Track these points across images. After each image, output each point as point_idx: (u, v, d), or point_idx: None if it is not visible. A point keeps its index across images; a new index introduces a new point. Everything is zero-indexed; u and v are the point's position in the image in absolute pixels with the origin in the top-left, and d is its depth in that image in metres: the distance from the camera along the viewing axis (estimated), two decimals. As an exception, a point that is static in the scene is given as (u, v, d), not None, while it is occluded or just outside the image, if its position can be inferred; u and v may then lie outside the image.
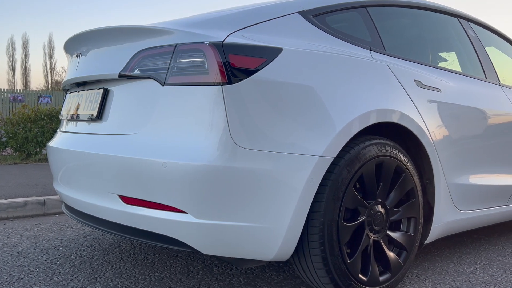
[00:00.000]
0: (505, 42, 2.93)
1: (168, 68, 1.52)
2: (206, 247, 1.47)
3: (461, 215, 2.14)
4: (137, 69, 1.61)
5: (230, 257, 1.53)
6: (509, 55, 2.98)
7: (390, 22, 2.24)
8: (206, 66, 1.46)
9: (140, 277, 1.95)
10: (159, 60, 1.56)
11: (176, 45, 1.53)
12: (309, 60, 1.63)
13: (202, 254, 1.53)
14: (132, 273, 2.00)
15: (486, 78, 2.49)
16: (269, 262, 1.65)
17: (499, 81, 2.57)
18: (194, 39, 1.52)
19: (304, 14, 1.81)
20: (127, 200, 1.55)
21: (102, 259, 2.20)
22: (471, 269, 2.17)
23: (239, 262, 1.56)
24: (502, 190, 2.38)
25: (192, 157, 1.40)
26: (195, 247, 1.47)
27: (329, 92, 1.62)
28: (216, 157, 1.39)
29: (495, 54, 2.76)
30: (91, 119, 1.78)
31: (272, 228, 1.48)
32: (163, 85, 1.53)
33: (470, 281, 1.99)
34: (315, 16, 1.84)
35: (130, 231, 1.59)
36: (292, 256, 1.61)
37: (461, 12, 2.62)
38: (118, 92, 1.71)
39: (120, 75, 1.66)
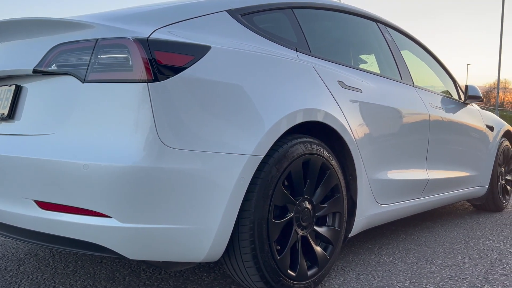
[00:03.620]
0: (417, 46, 3.17)
1: (89, 64, 1.44)
2: (132, 252, 1.41)
3: (381, 208, 2.27)
4: (54, 65, 1.50)
5: (159, 261, 1.49)
6: (421, 58, 3.22)
7: (315, 24, 2.31)
8: (131, 63, 1.40)
9: (61, 287, 1.82)
10: (79, 55, 1.47)
11: (98, 40, 1.44)
12: (238, 59, 1.63)
13: (129, 259, 1.46)
14: (51, 283, 1.87)
15: (401, 79, 2.66)
16: (200, 263, 1.63)
17: (413, 83, 2.76)
18: (117, 34, 1.45)
19: (232, 12, 1.81)
20: (44, 205, 1.44)
21: (16, 270, 2.03)
22: (390, 259, 2.31)
23: (168, 265, 1.52)
24: (417, 184, 2.57)
25: (116, 158, 1.34)
26: (120, 253, 1.40)
27: (258, 92, 1.63)
28: (142, 158, 1.34)
29: (409, 57, 2.97)
30: (1, 119, 1.63)
31: (202, 229, 1.46)
32: (83, 82, 1.44)
33: (389, 270, 2.12)
34: (243, 15, 1.85)
35: (48, 239, 1.48)
36: (223, 255, 1.60)
37: (379, 17, 2.78)
38: (33, 89, 1.59)
39: (35, 71, 1.53)
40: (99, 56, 1.44)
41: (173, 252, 1.46)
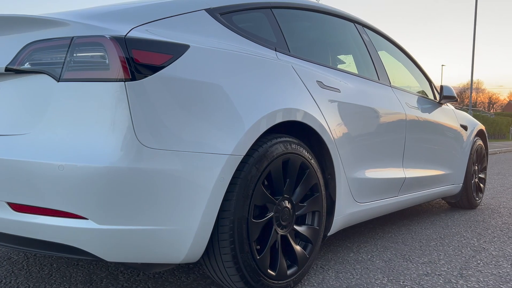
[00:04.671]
0: (394, 47, 3.22)
1: (64, 62, 1.41)
2: (110, 254, 1.39)
3: (360, 207, 2.30)
4: (28, 63, 1.46)
5: (137, 263, 1.46)
6: (398, 59, 3.28)
7: (294, 24, 2.32)
8: (107, 61, 1.37)
9: (35, 291, 1.78)
10: (53, 53, 1.43)
11: (73, 37, 1.41)
12: (217, 58, 1.63)
13: (106, 262, 1.44)
14: (26, 287, 1.82)
15: (379, 79, 2.70)
16: (179, 264, 1.61)
17: (390, 83, 2.81)
18: (93, 32, 1.42)
19: (210, 11, 1.80)
20: (18, 207, 1.40)
21: (-12, 274, 1.97)
22: (369, 256, 2.34)
23: (146, 267, 1.50)
24: (393, 182, 2.61)
25: (92, 158, 1.31)
26: (98, 255, 1.37)
27: (237, 91, 1.62)
28: (120, 158, 1.32)
29: (386, 57, 3.01)
30: (-28, 118, 1.58)
31: (181, 230, 1.44)
32: (58, 81, 1.41)
33: (368, 268, 2.15)
34: (221, 15, 1.84)
35: (22, 242, 1.44)
36: (202, 256, 1.59)
37: (357, 17, 2.81)
38: (5, 87, 1.54)
39: (7, 69, 1.49)
40: (74, 55, 1.40)
41: (152, 254, 1.44)
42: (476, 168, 3.87)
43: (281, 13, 2.17)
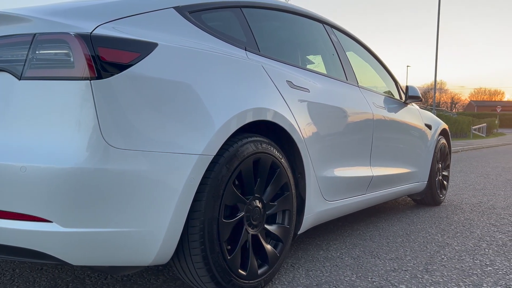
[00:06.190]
0: (361, 48, 3.28)
1: (26, 59, 1.35)
2: (76, 258, 1.35)
3: (329, 205, 2.33)
4: (-14, 60, 1.40)
5: (104, 266, 1.43)
6: (365, 59, 3.34)
7: (264, 24, 2.32)
8: (72, 59, 1.33)
9: (-4, 298, 1.71)
10: (14, 50, 1.38)
11: (35, 34, 1.36)
12: (186, 57, 1.61)
13: (72, 265, 1.39)
14: (-14, 294, 1.75)
15: (347, 80, 2.74)
16: (148, 266, 1.58)
17: (358, 83, 2.86)
18: (57, 29, 1.37)
19: (179, 9, 1.78)
20: (-23, 211, 1.34)
21: None
22: (338, 254, 2.38)
23: (114, 270, 1.46)
24: (361, 181, 2.66)
25: (56, 159, 1.27)
26: (63, 259, 1.33)
27: (207, 90, 1.61)
28: (85, 159, 1.28)
29: (354, 58, 3.06)
30: None
31: (150, 232, 1.42)
32: (20, 79, 1.35)
33: (337, 265, 2.18)
34: (191, 13, 1.82)
35: (-18, 247, 1.38)
36: (172, 257, 1.57)
37: (325, 18, 2.85)
38: (-38, 86, 1.47)
39: (-36, 66, 1.42)
40: (37, 52, 1.35)
41: (120, 257, 1.41)
42: (440, 166, 4.00)
43: (251, 13, 2.17)
